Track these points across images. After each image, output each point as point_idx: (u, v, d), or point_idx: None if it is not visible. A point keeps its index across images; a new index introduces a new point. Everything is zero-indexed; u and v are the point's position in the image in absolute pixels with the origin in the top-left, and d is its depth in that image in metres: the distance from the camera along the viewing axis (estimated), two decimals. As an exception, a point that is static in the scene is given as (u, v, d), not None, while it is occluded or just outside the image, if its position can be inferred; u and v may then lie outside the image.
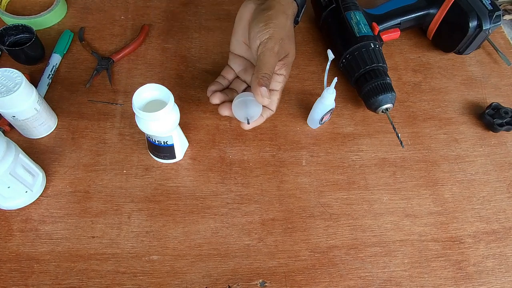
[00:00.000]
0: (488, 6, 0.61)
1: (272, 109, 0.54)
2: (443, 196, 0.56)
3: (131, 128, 0.58)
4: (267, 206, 0.53)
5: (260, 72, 0.47)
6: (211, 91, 0.54)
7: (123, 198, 0.52)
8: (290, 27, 0.52)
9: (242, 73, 0.57)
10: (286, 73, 0.53)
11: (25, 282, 0.46)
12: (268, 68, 0.48)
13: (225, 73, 0.57)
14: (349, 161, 0.58)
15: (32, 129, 0.53)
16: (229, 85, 0.57)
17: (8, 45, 0.60)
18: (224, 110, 0.53)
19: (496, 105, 0.62)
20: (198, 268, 0.49)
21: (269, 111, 0.54)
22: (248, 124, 0.51)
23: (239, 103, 0.51)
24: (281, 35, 0.49)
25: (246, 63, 0.56)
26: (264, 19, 0.49)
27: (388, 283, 0.49)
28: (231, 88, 0.56)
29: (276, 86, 0.53)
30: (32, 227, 0.50)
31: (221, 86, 0.56)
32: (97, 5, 0.70)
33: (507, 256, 0.52)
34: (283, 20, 0.50)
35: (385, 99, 0.57)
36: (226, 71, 0.57)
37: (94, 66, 0.63)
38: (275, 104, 0.54)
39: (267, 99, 0.48)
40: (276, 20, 0.49)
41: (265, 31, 0.49)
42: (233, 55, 0.56)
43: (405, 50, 0.70)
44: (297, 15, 0.56)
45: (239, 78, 0.57)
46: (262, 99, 0.48)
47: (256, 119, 0.52)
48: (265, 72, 0.48)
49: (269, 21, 0.49)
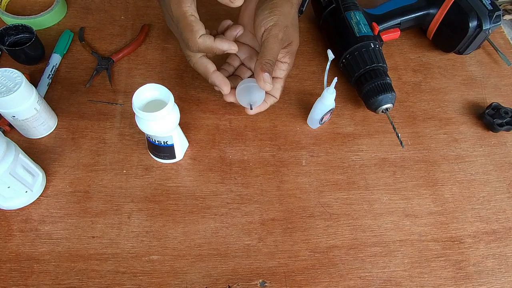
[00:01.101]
0: (488, 6, 0.61)
1: (275, 96, 0.55)
2: (443, 196, 0.56)
3: (131, 128, 0.58)
4: (267, 206, 0.53)
5: (263, 58, 0.49)
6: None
7: (123, 198, 0.52)
8: (295, 15, 0.53)
9: (247, 61, 0.58)
10: (290, 61, 0.54)
11: (25, 282, 0.46)
12: (271, 54, 0.49)
13: (231, 60, 0.58)
14: (349, 161, 0.58)
15: (32, 129, 0.53)
16: (234, 72, 0.58)
17: (8, 45, 0.60)
18: (229, 97, 0.54)
19: (496, 105, 0.62)
20: (198, 268, 0.49)
21: (273, 98, 0.55)
22: (251, 110, 0.52)
23: (242, 89, 0.52)
24: (286, 23, 0.50)
25: (251, 51, 0.58)
26: (269, 7, 0.50)
27: (388, 283, 0.49)
28: (236, 75, 0.58)
29: (280, 74, 0.54)
30: (32, 227, 0.50)
31: (227, 72, 0.57)
32: (97, 5, 0.70)
33: (507, 256, 0.52)
34: (288, 8, 0.51)
35: (385, 99, 0.57)
36: (232, 59, 0.58)
37: (94, 66, 0.63)
38: (279, 92, 0.55)
39: (269, 85, 0.49)
40: (281, 8, 0.50)
41: (270, 18, 0.50)
42: (239, 43, 0.57)
43: (405, 50, 0.70)
44: (301, 5, 0.57)
45: (244, 66, 0.58)
46: (265, 85, 0.49)
47: (259, 105, 0.53)
48: (268, 59, 0.49)
49: (274, 9, 0.50)
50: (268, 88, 0.49)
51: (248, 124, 0.60)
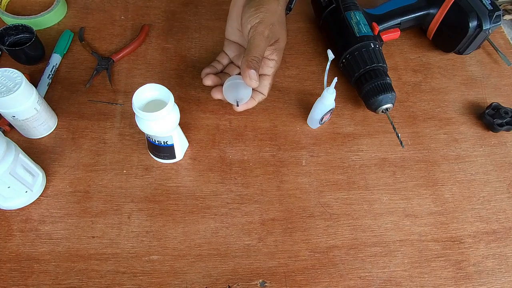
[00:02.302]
0: (488, 6, 0.61)
1: (263, 93, 0.55)
2: (443, 196, 0.56)
3: (131, 128, 0.58)
4: (267, 206, 0.53)
5: (249, 55, 0.49)
6: (205, 73, 0.56)
7: (123, 198, 0.52)
8: (281, 12, 0.53)
9: (236, 59, 0.58)
10: (277, 58, 0.54)
11: (25, 282, 0.46)
12: (257, 51, 0.49)
13: (220, 58, 0.59)
14: (349, 161, 0.58)
15: (32, 129, 0.53)
16: (223, 70, 0.59)
17: (8, 45, 0.60)
18: (216, 94, 0.54)
19: (496, 105, 0.62)
20: (198, 268, 0.49)
21: (261, 95, 0.55)
22: (237, 106, 0.53)
23: (229, 86, 0.52)
24: (272, 20, 0.50)
25: (240, 49, 0.58)
26: (255, 4, 0.51)
27: (388, 283, 0.49)
28: (225, 72, 0.58)
29: (268, 71, 0.54)
30: (32, 227, 0.50)
31: (215, 69, 0.58)
32: (97, 5, 0.70)
33: (507, 256, 0.52)
34: (274, 6, 0.52)
35: (385, 99, 0.57)
36: (221, 56, 0.59)
37: (94, 66, 0.63)
38: (267, 89, 0.55)
39: (255, 81, 0.49)
40: (267, 5, 0.51)
41: (256, 16, 0.50)
42: (227, 41, 0.58)
43: (405, 50, 0.70)
44: (290, 2, 0.57)
45: (233, 63, 0.59)
46: (250, 82, 0.49)
47: (246, 102, 0.53)
48: (254, 55, 0.49)
49: (260, 6, 0.50)
50: (254, 84, 0.50)
51: (248, 124, 0.60)
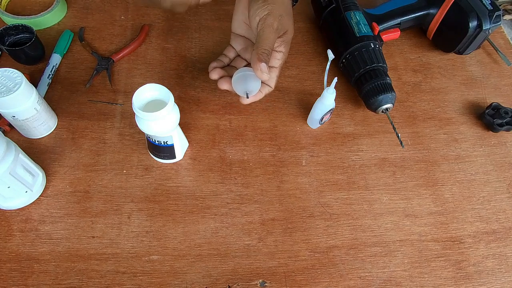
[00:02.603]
0: (488, 6, 0.61)
1: (271, 85, 0.55)
2: (443, 196, 0.56)
3: (131, 128, 0.58)
4: (267, 206, 0.53)
5: (260, 48, 0.49)
6: (212, 67, 0.56)
7: (123, 198, 0.52)
8: (289, 4, 0.53)
9: (243, 52, 0.58)
10: (285, 50, 0.54)
11: (25, 282, 0.46)
12: (267, 44, 0.49)
13: (227, 52, 0.58)
14: (349, 161, 0.58)
15: (32, 129, 0.53)
16: (230, 63, 0.58)
17: (8, 45, 0.60)
18: (223, 84, 0.54)
19: (496, 105, 0.62)
20: (198, 268, 0.49)
21: (268, 88, 0.55)
22: (247, 98, 0.52)
23: (238, 78, 0.52)
24: (280, 12, 0.50)
25: (247, 42, 0.58)
26: None
27: (388, 283, 0.49)
28: (231, 65, 0.58)
29: (275, 63, 0.54)
30: (32, 227, 0.50)
31: (222, 63, 0.57)
32: (97, 5, 0.70)
33: (507, 256, 0.52)
34: None
35: (385, 99, 0.57)
36: (228, 50, 0.58)
37: (94, 66, 0.63)
38: (274, 81, 0.55)
39: (266, 74, 0.49)
40: None
41: (264, 7, 0.49)
42: (234, 35, 0.58)
43: (405, 50, 0.70)
44: None
45: (240, 57, 0.59)
46: (262, 75, 0.49)
47: (255, 94, 0.53)
48: (264, 48, 0.49)
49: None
50: (266, 77, 0.50)
51: (248, 124, 0.60)
